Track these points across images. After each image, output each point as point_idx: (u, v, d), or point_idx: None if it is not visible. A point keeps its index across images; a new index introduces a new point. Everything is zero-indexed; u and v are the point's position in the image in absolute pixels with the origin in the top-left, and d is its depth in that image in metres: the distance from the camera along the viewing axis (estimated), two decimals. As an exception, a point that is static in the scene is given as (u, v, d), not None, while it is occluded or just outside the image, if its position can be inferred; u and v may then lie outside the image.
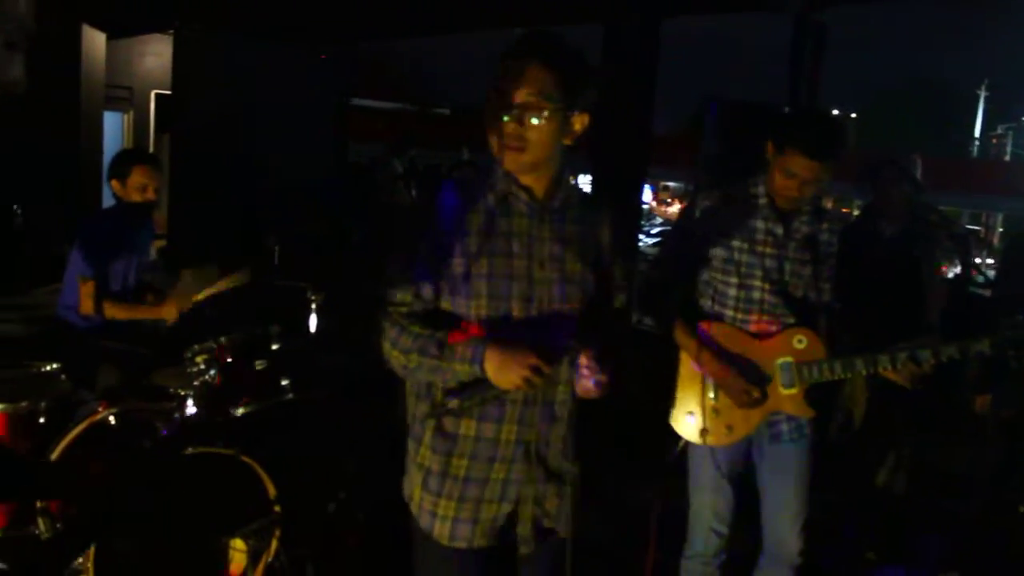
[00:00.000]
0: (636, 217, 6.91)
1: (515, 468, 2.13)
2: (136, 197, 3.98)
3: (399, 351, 2.07)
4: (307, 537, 3.62)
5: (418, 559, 2.23)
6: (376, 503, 3.97)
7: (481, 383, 2.03)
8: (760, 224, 2.85)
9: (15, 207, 8.65)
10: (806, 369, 2.80)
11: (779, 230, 2.85)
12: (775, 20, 7.90)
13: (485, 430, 2.10)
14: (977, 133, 41.79)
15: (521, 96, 1.98)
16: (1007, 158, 38.66)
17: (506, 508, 2.15)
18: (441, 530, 2.14)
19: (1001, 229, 36.15)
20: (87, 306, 3.86)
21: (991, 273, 7.06)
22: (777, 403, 2.83)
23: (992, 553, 3.84)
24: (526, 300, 2.07)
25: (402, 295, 2.09)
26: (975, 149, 41.23)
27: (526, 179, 2.10)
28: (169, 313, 3.80)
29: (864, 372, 2.74)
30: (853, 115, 42.54)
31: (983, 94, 41.51)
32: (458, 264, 2.05)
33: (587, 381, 2.00)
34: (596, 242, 2.17)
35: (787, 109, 6.02)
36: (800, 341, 2.82)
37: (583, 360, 2.02)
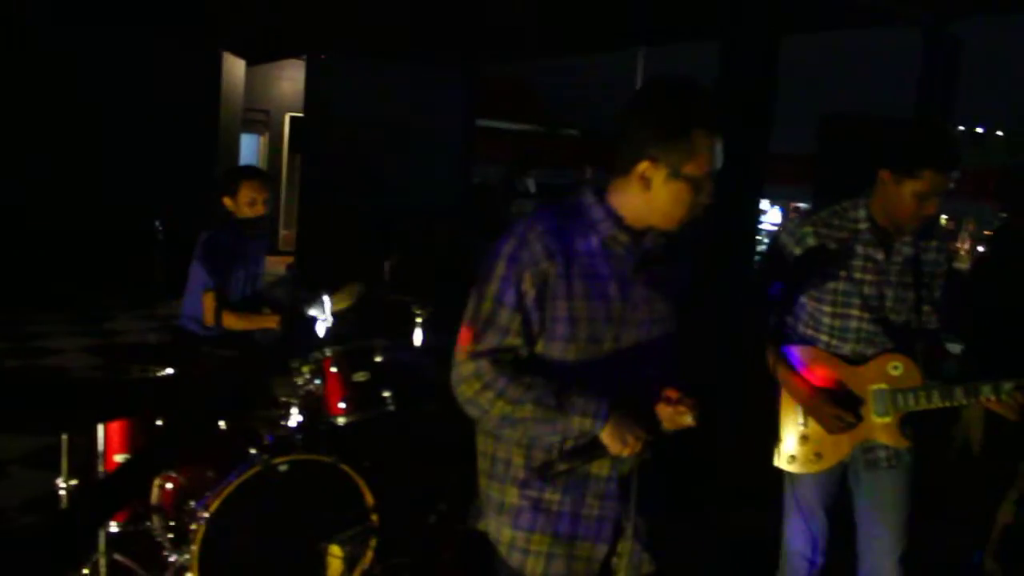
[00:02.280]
0: (752, 238, 6.76)
1: (608, 504, 2.11)
2: (247, 212, 4.12)
3: (506, 401, 1.99)
4: (405, 548, 3.70)
5: None
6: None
7: (594, 445, 2.01)
8: (860, 250, 2.75)
9: (156, 223, 9.13)
10: (901, 397, 2.68)
11: (880, 256, 2.75)
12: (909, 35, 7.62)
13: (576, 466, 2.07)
14: None
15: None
16: None
17: (601, 549, 2.12)
18: (535, 567, 2.11)
19: None
20: (210, 318, 4.03)
21: None
22: (870, 431, 2.72)
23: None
24: (617, 341, 2.06)
25: (511, 340, 2.01)
26: None
27: (633, 223, 2.07)
28: (274, 323, 3.94)
29: (964, 402, 2.60)
30: (999, 133, 40.46)
31: None
32: (561, 307, 2.01)
33: (675, 415, 2.02)
34: (680, 278, 2.19)
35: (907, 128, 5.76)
36: (895, 368, 2.70)
37: (672, 395, 2.03)
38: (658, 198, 2.00)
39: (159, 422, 3.44)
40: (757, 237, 7.44)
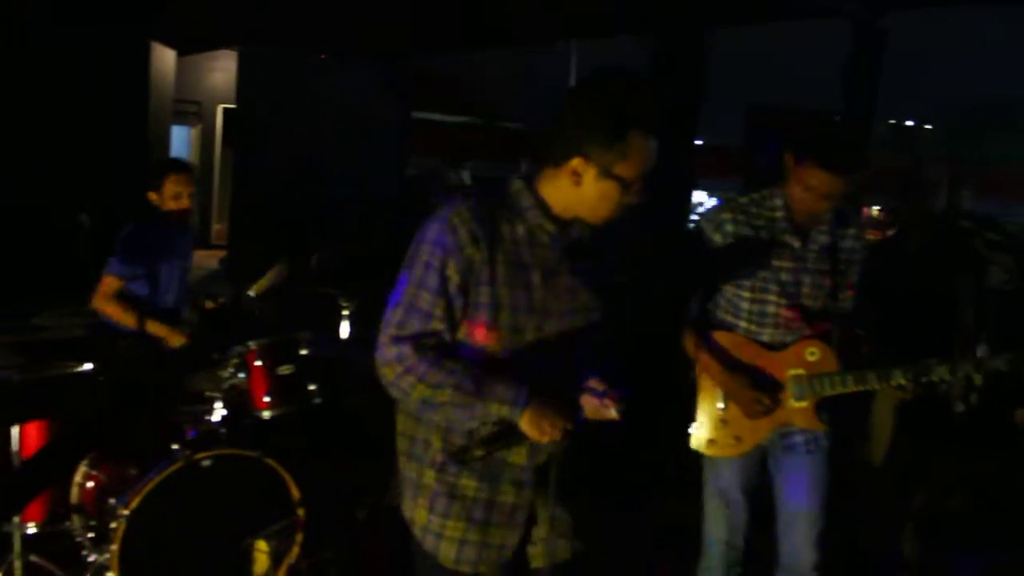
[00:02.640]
0: (684, 226, 6.84)
1: (523, 493, 2.12)
2: (171, 206, 4.06)
3: (426, 385, 1.98)
4: (333, 542, 3.67)
5: None
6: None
7: (512, 431, 2.01)
8: (776, 237, 2.80)
9: (83, 216, 8.91)
10: (817, 382, 2.74)
11: (796, 243, 2.80)
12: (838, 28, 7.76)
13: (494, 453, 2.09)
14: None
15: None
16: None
17: (514, 536, 2.14)
18: (447, 552, 2.11)
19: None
20: (98, 302, 3.95)
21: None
22: (787, 416, 2.78)
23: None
24: (540, 331, 2.05)
25: (434, 324, 2.00)
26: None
27: (561, 214, 2.07)
28: (175, 341, 3.87)
29: (877, 386, 2.68)
30: (928, 126, 41.51)
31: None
32: (484, 293, 2.01)
33: (600, 407, 2.03)
34: (605, 268, 2.19)
35: (837, 117, 5.89)
36: (812, 353, 2.76)
37: (595, 386, 2.05)
38: (587, 194, 2.00)
39: (78, 418, 3.38)
40: (691, 227, 7.54)
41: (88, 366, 3.57)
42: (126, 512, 3.11)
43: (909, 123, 40.50)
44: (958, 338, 3.79)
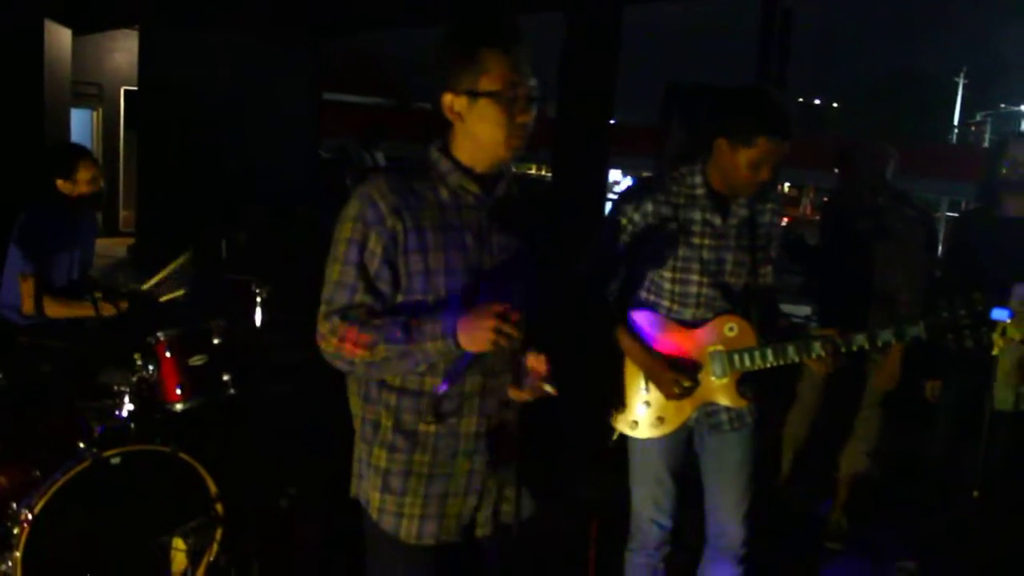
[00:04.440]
0: (599, 206, 6.85)
1: (477, 459, 2.13)
2: (86, 190, 3.96)
3: (362, 347, 1.97)
4: (255, 535, 3.57)
5: (379, 562, 2.20)
6: (329, 500, 3.92)
7: (456, 370, 2.02)
8: (697, 215, 2.77)
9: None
10: (737, 357, 2.72)
11: (717, 220, 2.78)
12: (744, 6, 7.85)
13: (446, 425, 2.10)
14: (956, 121, 41.93)
15: (531, 84, 2.03)
16: (986, 145, 38.81)
17: (471, 500, 2.16)
18: (408, 529, 2.12)
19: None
20: (29, 305, 3.82)
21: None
22: (709, 393, 2.76)
23: (948, 541, 3.81)
24: (477, 293, 2.05)
25: (360, 296, 2.01)
26: (954, 137, 41.33)
27: (482, 171, 2.09)
28: (108, 312, 3.73)
29: (796, 359, 2.67)
30: (835, 104, 42.71)
31: (962, 82, 41.64)
32: (415, 261, 2.02)
33: (536, 383, 2.04)
34: (537, 229, 2.20)
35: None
36: (731, 329, 2.74)
37: (531, 362, 2.06)
38: (474, 126, 2.03)
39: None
40: (606, 205, 7.57)
41: (-16, 363, 3.40)
42: (29, 516, 2.96)
43: (816, 102, 41.56)
44: (876, 308, 3.88)
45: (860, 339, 2.60)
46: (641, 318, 2.80)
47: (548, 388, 2.02)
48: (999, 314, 2.51)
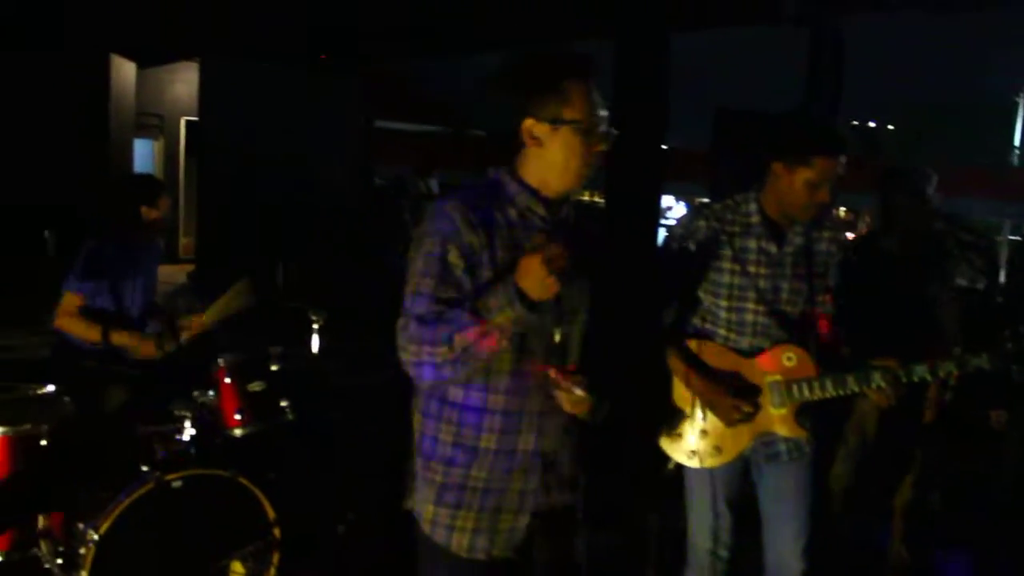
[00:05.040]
0: (653, 232, 6.84)
1: (532, 479, 2.16)
2: (161, 217, 4.09)
3: (440, 344, 1.98)
4: (312, 560, 3.62)
5: (431, 574, 2.24)
6: (386, 524, 3.95)
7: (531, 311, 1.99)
8: (752, 243, 2.77)
9: (46, 232, 8.81)
10: (796, 387, 2.70)
11: (772, 248, 2.78)
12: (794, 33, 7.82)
13: (504, 441, 2.13)
14: (1017, 142, 41.04)
15: (606, 116, 2.13)
16: (1049, 167, 37.92)
17: (524, 519, 2.18)
18: (460, 542, 2.16)
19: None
20: (61, 321, 3.88)
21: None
22: (767, 423, 2.75)
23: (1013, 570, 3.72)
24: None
25: (436, 306, 2.03)
26: (1015, 158, 40.45)
27: (549, 195, 2.16)
28: (148, 351, 3.81)
29: (856, 389, 2.64)
30: (890, 127, 42.03)
31: (1022, 101, 40.76)
32: (487, 277, 2.06)
33: (571, 396, 2.05)
34: (594, 253, 2.26)
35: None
36: (789, 359, 2.73)
37: (562, 378, 2.06)
38: (553, 154, 2.10)
39: (43, 442, 3.29)
40: (659, 231, 7.56)
41: (51, 388, 3.51)
42: (96, 537, 3.04)
43: (871, 124, 40.99)
44: (933, 338, 3.81)
45: (921, 370, 2.56)
46: (697, 346, 2.80)
47: (578, 391, 2.03)
48: None
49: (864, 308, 4.07)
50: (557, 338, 2.11)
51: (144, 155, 13.41)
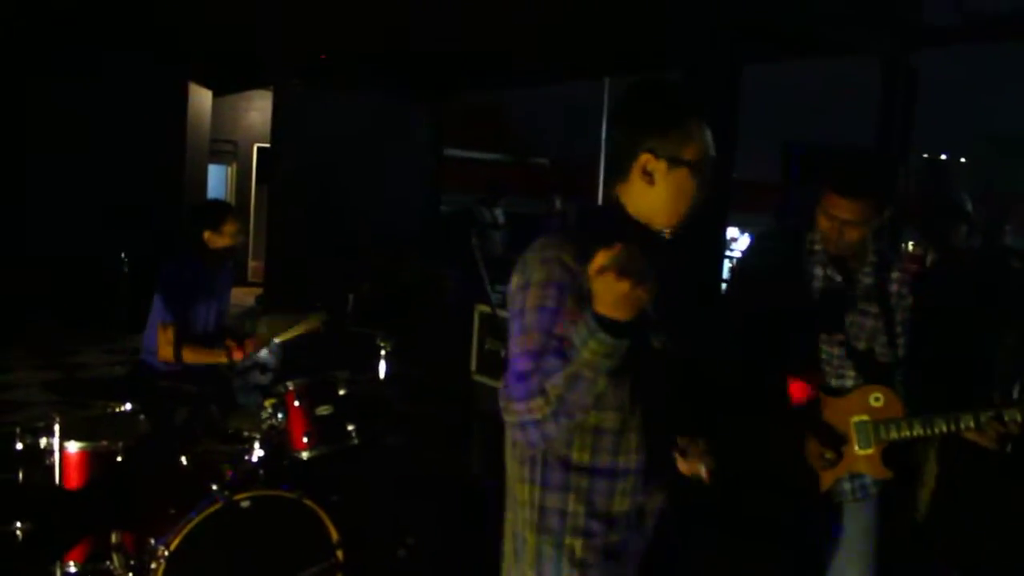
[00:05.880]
0: (719, 263, 6.81)
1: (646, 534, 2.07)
2: (229, 242, 4.20)
3: (536, 397, 1.80)
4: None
5: None
6: (444, 549, 3.98)
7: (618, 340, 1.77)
8: (818, 271, 2.77)
9: (123, 255, 9.08)
10: (883, 428, 2.64)
11: (837, 278, 2.76)
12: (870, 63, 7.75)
13: (634, 503, 2.03)
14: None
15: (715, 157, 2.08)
16: None
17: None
18: None
19: None
20: (166, 352, 4.02)
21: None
22: (853, 464, 2.68)
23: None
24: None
25: (540, 362, 1.84)
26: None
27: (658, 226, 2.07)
28: (238, 356, 3.93)
29: (944, 430, 2.57)
30: (962, 160, 41.16)
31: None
32: None
33: (690, 465, 2.05)
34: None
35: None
36: (877, 399, 2.66)
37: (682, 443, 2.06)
38: (662, 190, 2.02)
39: (119, 458, 3.40)
40: (725, 263, 7.51)
41: (128, 406, 3.62)
42: (166, 552, 3.12)
43: (943, 156, 40.21)
44: (1004, 377, 3.72)
45: (1013, 412, 2.49)
46: (783, 385, 2.76)
47: (702, 470, 2.01)
48: None
49: (933, 343, 4.01)
50: (656, 344, 1.99)
51: (218, 180, 13.77)
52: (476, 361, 4.55)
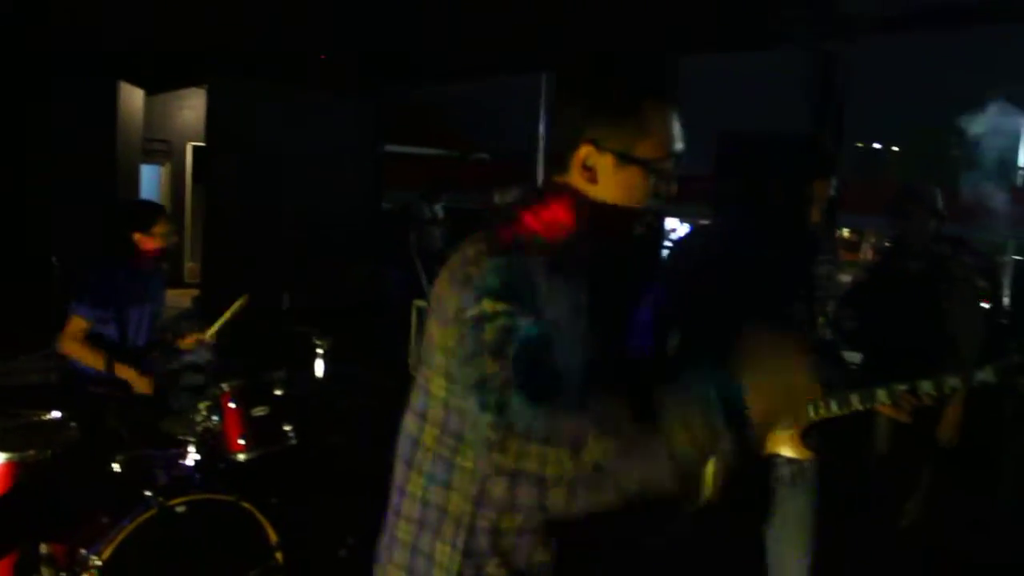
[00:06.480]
0: (656, 253, 6.86)
1: None
2: (160, 244, 4.10)
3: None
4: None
5: None
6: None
7: None
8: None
9: (53, 259, 8.85)
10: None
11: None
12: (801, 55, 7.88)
13: None
14: (1021, 162, 41.04)
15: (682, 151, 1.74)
16: (1054, 187, 37.82)
17: None
18: None
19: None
20: (65, 344, 3.92)
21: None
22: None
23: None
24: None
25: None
26: (1019, 178, 40.43)
27: None
28: (141, 386, 3.85)
29: (860, 408, 2.62)
30: (895, 148, 42.09)
31: (1024, 124, 40.78)
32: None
33: None
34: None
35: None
36: None
37: None
38: (605, 190, 1.65)
39: (48, 468, 3.30)
40: (663, 252, 7.55)
41: (56, 413, 3.52)
42: (99, 562, 3.04)
43: (876, 146, 41.09)
44: (946, 356, 3.81)
45: (927, 386, 2.52)
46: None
47: None
48: None
49: (883, 329, 4.11)
50: None
51: (151, 181, 13.51)
52: (414, 357, 4.53)
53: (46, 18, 8.29)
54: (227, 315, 3.95)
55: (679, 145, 1.69)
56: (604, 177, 1.65)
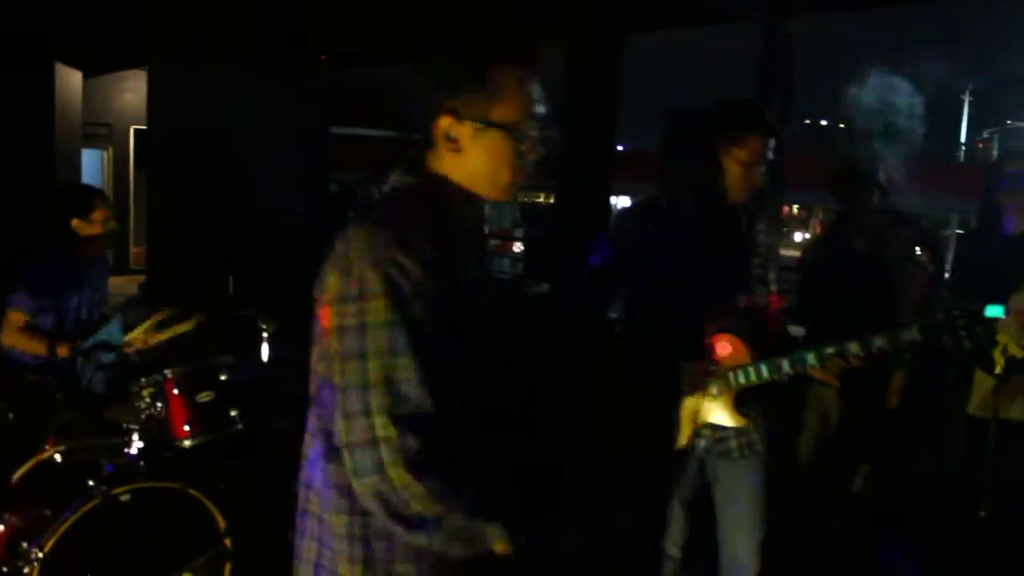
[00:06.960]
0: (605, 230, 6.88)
1: None
2: (100, 230, 4.00)
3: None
4: (266, 569, 3.57)
5: None
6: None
7: None
8: (690, 232, 2.79)
9: (-10, 247, 8.62)
10: (732, 375, 2.70)
11: (705, 236, 2.79)
12: (748, 33, 7.92)
13: None
14: (963, 138, 41.88)
15: (546, 114, 1.77)
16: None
17: None
18: None
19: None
20: (11, 338, 3.82)
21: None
22: (708, 412, 2.75)
23: (955, 562, 3.78)
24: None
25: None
26: (962, 154, 41.26)
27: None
28: (62, 352, 3.77)
29: (791, 372, 2.64)
30: (842, 125, 42.63)
31: (967, 99, 41.57)
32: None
33: None
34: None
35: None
36: (723, 347, 2.74)
37: None
38: (473, 161, 1.72)
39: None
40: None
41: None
42: (40, 555, 2.97)
43: (823, 123, 41.62)
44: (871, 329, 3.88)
45: (854, 347, 2.55)
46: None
47: None
48: (993, 311, 2.44)
49: (830, 301, 4.17)
50: None
51: (93, 166, 13.21)
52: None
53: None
54: (170, 333, 3.84)
55: (539, 108, 1.73)
56: (467, 145, 1.72)
